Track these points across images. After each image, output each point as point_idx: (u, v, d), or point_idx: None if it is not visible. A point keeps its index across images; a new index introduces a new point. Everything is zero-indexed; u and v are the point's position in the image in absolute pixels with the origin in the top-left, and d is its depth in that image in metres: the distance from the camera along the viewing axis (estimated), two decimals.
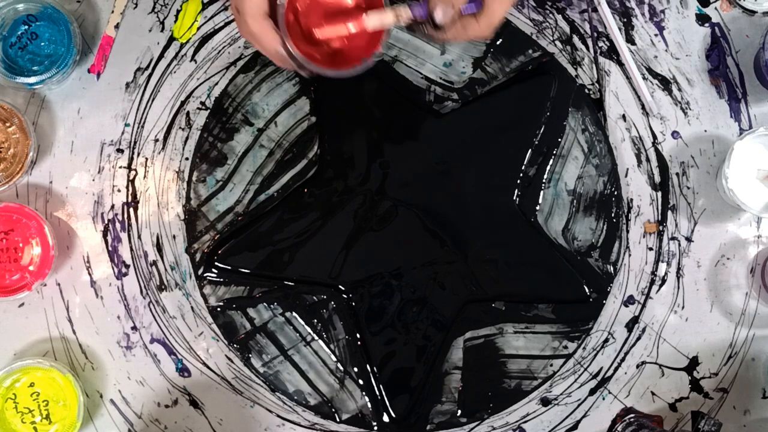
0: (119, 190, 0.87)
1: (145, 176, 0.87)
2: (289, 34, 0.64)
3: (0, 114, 0.84)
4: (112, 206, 0.87)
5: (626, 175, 0.88)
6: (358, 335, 0.84)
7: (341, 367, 0.84)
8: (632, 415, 0.86)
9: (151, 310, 0.86)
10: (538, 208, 0.86)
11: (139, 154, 0.87)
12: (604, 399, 0.86)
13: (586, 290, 0.86)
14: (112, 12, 0.88)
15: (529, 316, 0.85)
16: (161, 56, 0.87)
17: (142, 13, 0.88)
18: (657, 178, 0.88)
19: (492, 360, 0.85)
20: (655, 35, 0.88)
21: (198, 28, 0.88)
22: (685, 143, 0.88)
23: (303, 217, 0.85)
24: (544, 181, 0.86)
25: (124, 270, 0.86)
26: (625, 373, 0.86)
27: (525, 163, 0.86)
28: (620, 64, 0.88)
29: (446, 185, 0.85)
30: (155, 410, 0.86)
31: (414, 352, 0.85)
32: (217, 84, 0.87)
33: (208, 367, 0.86)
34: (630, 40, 0.88)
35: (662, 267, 0.87)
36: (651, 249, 0.87)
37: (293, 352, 0.84)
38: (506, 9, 0.67)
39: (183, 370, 0.86)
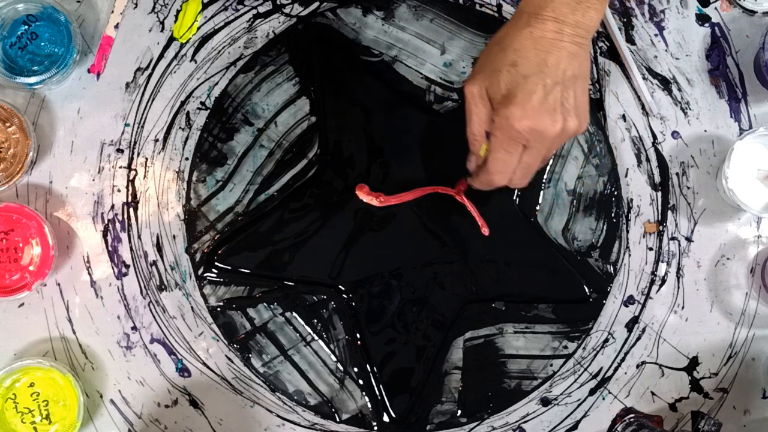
0: (119, 190, 0.87)
1: (145, 176, 0.87)
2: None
3: (0, 114, 0.84)
4: (112, 206, 0.87)
5: (626, 175, 0.88)
6: (358, 335, 0.84)
7: (341, 367, 0.84)
8: (632, 415, 0.86)
9: (151, 310, 0.86)
10: (538, 208, 0.86)
11: (139, 154, 0.87)
12: (604, 399, 0.86)
13: (586, 290, 0.86)
14: (112, 12, 0.88)
15: (529, 316, 0.85)
16: (161, 56, 0.87)
17: (142, 13, 0.88)
18: (657, 178, 0.88)
19: (492, 360, 0.85)
20: (655, 35, 0.88)
21: (198, 28, 0.88)
22: (685, 143, 0.88)
23: (303, 217, 0.85)
24: (544, 181, 0.86)
25: (124, 270, 0.86)
26: (625, 373, 0.86)
27: None
28: (620, 64, 0.88)
29: (446, 185, 0.85)
30: (155, 410, 0.86)
31: (414, 352, 0.85)
32: (217, 84, 0.87)
33: (208, 367, 0.86)
34: (630, 40, 0.88)
35: (662, 267, 0.87)
36: (651, 249, 0.87)
37: (293, 352, 0.84)
38: (498, 168, 0.73)
39: (183, 370, 0.86)
